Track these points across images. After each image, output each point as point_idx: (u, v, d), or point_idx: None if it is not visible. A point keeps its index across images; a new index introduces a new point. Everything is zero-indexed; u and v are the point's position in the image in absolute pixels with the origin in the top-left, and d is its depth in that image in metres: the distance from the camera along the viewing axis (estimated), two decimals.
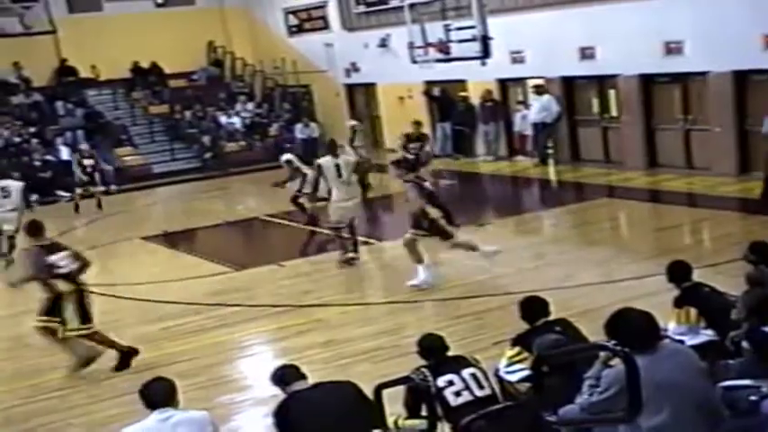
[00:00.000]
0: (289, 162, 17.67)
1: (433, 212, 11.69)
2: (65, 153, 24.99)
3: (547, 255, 13.46)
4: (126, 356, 9.84)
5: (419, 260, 11.87)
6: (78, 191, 21.74)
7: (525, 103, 22.35)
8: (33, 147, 25.11)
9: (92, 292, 10.82)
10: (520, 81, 22.47)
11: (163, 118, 28.07)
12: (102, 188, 21.87)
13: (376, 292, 12.37)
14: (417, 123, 19.01)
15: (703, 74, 17.54)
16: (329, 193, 13.67)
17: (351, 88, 27.99)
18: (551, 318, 7.00)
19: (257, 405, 8.30)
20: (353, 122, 21.57)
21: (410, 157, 18.20)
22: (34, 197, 20.87)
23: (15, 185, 16.41)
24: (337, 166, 13.37)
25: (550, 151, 21.38)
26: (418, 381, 6.29)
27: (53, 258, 9.60)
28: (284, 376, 6.23)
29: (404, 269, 13.43)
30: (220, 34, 30.49)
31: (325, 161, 13.50)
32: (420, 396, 6.32)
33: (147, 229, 18.14)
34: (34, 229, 10.00)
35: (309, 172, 15.83)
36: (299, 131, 26.78)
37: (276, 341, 10.53)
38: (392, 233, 16.31)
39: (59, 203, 23.06)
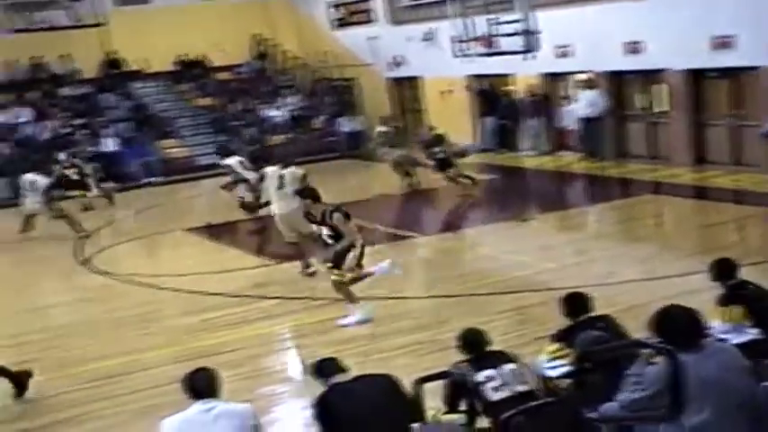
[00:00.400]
0: (227, 167, 17.48)
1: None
2: (111, 145, 25.24)
3: (590, 250, 13.34)
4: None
5: (354, 299, 10.75)
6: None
7: (570, 98, 22.17)
8: (80, 138, 25.37)
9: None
10: (565, 75, 22.28)
11: (208, 110, 28.23)
12: (96, 192, 21.13)
13: (417, 286, 12.32)
14: (430, 128, 18.86)
15: (754, 68, 17.28)
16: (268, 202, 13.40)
17: (395, 82, 27.93)
18: (594, 314, 6.92)
19: (297, 397, 8.30)
20: (382, 128, 21.32)
21: (432, 163, 18.10)
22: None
23: (42, 182, 17.51)
24: (281, 177, 12.92)
25: (596, 146, 21.16)
26: (458, 375, 6.26)
27: None
28: (324, 369, 6.23)
29: (446, 263, 13.44)
30: (266, 27, 30.57)
31: (271, 170, 13.11)
32: (459, 390, 6.29)
33: (191, 221, 18.24)
34: None
35: (252, 176, 15.73)
36: (344, 125, 26.80)
37: (317, 334, 10.49)
38: (434, 227, 16.32)
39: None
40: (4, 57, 27.39)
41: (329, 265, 10.67)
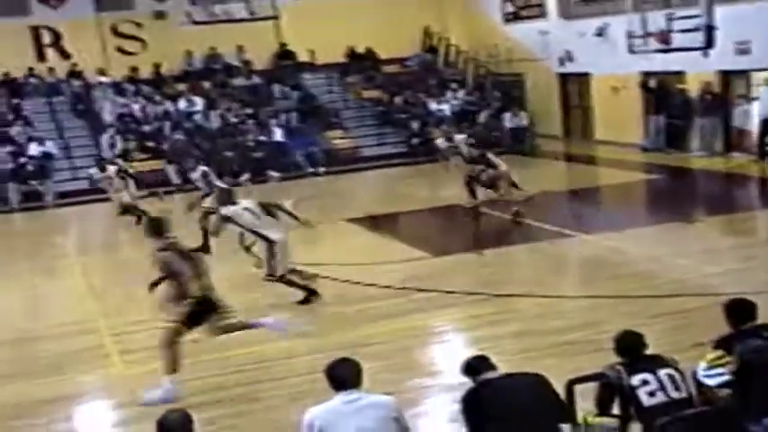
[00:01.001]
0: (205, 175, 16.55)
1: (194, 289, 8.86)
2: (278, 135, 25.77)
3: (759, 256, 12.68)
4: None
5: (173, 368, 8.80)
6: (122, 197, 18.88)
7: (747, 97, 21.24)
8: (249, 127, 26.03)
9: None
10: (743, 73, 21.36)
11: (374, 103, 28.47)
12: (126, 198, 18.97)
13: (574, 285, 12.05)
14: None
15: None
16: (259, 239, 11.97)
17: (563, 78, 27.47)
18: (759, 322, 6.58)
19: (446, 392, 8.22)
20: (461, 136, 19.69)
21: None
22: (246, 176, 21.57)
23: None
24: (248, 210, 11.82)
25: None
26: (612, 377, 6.11)
27: None
28: (474, 366, 6.21)
29: (605, 263, 13.10)
30: (436, 20, 30.56)
31: (233, 210, 11.84)
32: (613, 393, 6.16)
33: (352, 212, 18.39)
34: None
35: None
36: (508, 120, 26.59)
37: (469, 329, 10.42)
38: (596, 226, 15.94)
39: (270, 183, 23.84)
40: (184, 47, 28.39)
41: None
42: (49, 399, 9.10)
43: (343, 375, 5.87)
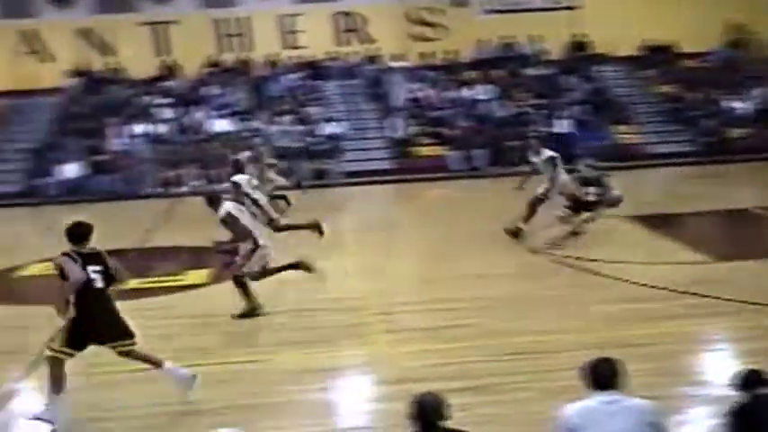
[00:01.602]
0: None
1: (68, 309, 8.17)
2: (566, 126, 25.47)
3: None
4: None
5: (58, 387, 8.26)
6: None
7: None
8: (536, 118, 25.90)
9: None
10: None
11: (667, 98, 27.55)
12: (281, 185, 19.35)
13: None
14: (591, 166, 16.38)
15: None
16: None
17: None
18: None
19: (710, 403, 7.86)
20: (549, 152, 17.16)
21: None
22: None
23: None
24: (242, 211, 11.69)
25: None
26: None
27: None
28: (747, 379, 5.89)
29: None
30: (743, 12, 29.00)
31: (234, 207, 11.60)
32: None
33: (631, 209, 17.76)
34: None
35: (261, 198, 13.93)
36: None
37: (743, 340, 9.86)
38: None
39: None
40: (477, 36, 28.70)
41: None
42: (315, 368, 9.46)
43: (604, 375, 5.76)
